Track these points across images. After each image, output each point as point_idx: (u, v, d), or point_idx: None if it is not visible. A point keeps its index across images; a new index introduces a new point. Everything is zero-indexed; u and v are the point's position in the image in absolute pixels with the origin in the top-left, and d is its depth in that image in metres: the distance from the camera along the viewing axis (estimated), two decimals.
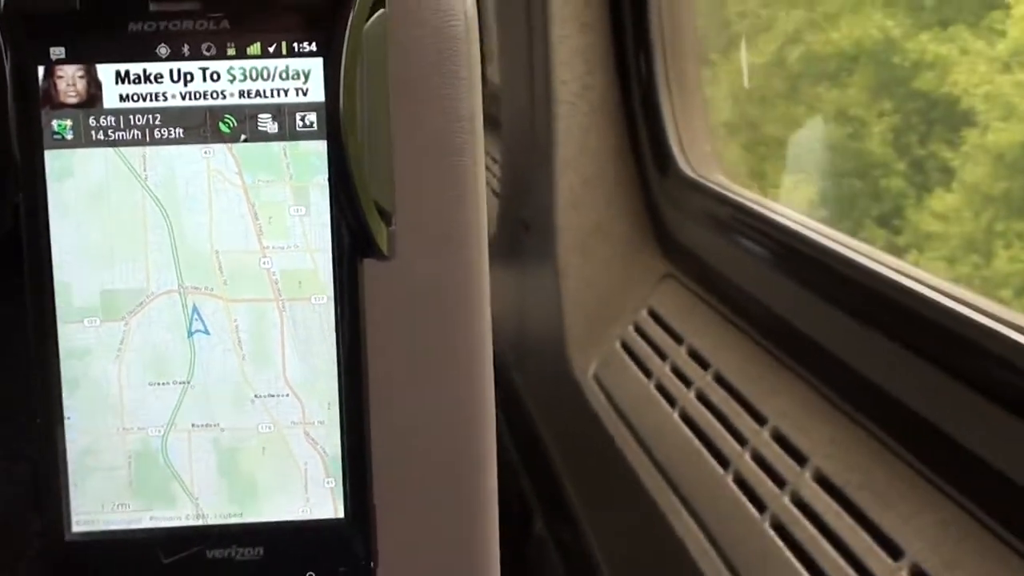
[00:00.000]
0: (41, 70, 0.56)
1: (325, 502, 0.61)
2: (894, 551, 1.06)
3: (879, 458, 1.17)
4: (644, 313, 1.87)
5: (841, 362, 1.31)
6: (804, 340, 1.41)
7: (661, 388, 1.67)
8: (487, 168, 3.07)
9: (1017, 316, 1.05)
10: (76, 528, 0.59)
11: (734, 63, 2.35)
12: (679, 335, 1.72)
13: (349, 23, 0.57)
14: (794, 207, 1.81)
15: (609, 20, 1.99)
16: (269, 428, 0.60)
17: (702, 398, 1.54)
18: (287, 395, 0.60)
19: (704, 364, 1.60)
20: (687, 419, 1.55)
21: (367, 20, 0.57)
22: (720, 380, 1.53)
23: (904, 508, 1.09)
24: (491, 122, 3.30)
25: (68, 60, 0.56)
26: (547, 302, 2.07)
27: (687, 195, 1.88)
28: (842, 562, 1.10)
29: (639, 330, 1.85)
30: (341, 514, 0.61)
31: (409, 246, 0.63)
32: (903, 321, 1.19)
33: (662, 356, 1.73)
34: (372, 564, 0.61)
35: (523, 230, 2.27)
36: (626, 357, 1.82)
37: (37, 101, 0.56)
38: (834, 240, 1.43)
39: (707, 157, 1.94)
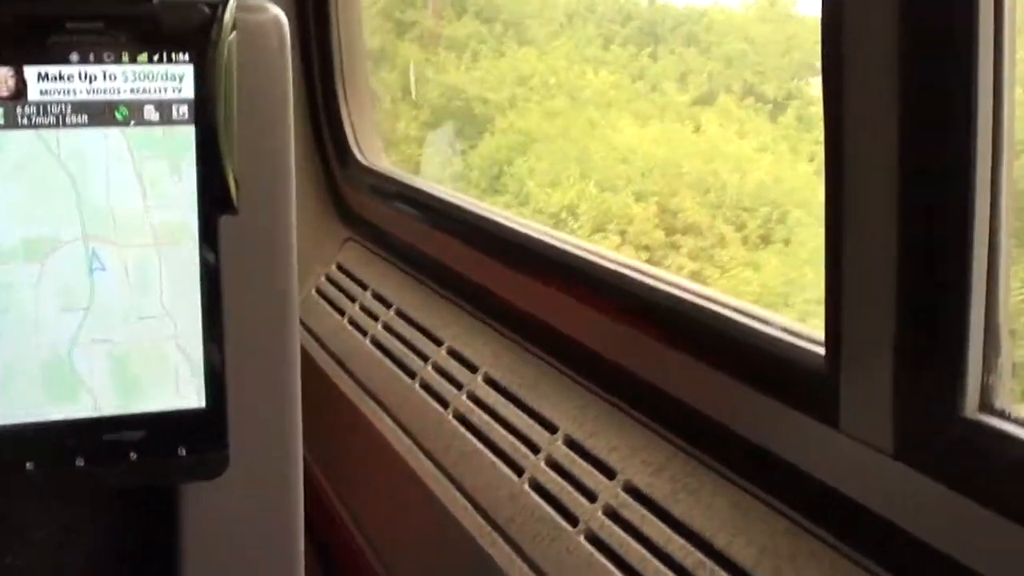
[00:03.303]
0: None
1: (192, 396, 0.64)
2: (550, 428, 1.14)
3: (531, 364, 1.26)
4: (333, 268, 1.92)
5: (493, 293, 1.39)
6: (462, 279, 1.49)
7: (353, 323, 1.72)
8: None
9: (606, 251, 1.18)
10: (2, 421, 0.60)
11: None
12: (364, 283, 1.77)
13: (214, 41, 0.60)
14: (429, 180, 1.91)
15: (298, 47, 2.02)
16: (150, 342, 0.63)
17: (388, 328, 1.60)
18: (163, 317, 0.63)
19: (387, 304, 1.65)
20: (377, 344, 1.60)
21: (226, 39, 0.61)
22: (402, 315, 1.59)
23: (553, 397, 1.18)
24: None
25: (2, 63, 0.57)
26: None
27: (363, 178, 1.94)
28: (512, 438, 1.18)
29: (331, 280, 1.89)
30: (204, 404, 0.64)
31: (243, 202, 0.66)
32: (523, 255, 1.29)
33: (352, 299, 1.77)
34: (226, 439, 0.65)
35: None
36: (322, 301, 1.86)
37: None
38: (460, 198, 1.54)
39: (376, 150, 2.01)
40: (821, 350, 0.83)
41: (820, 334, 0.84)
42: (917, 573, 0.74)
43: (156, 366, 0.63)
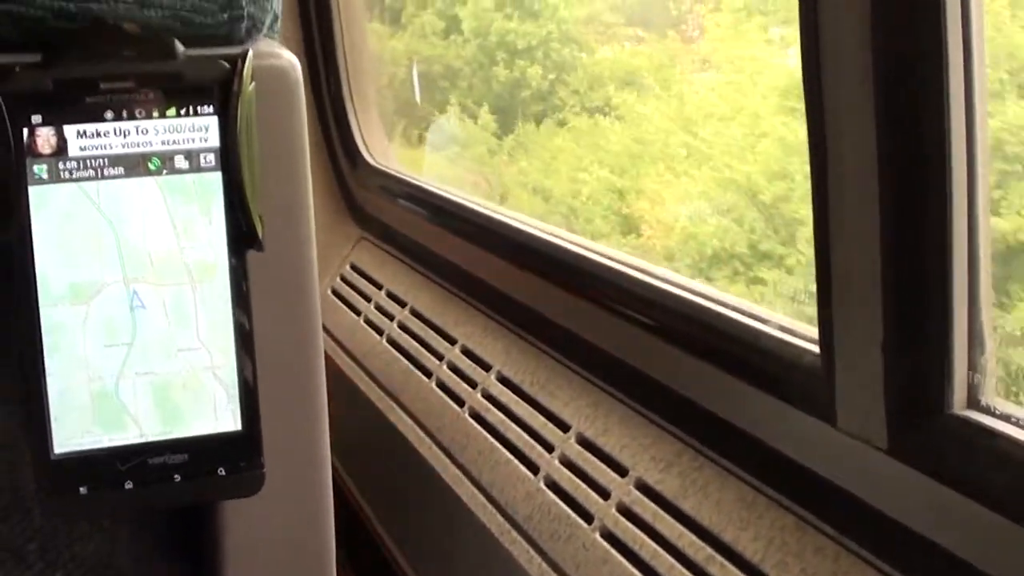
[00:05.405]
0: (25, 131, 0.63)
1: (228, 420, 0.70)
2: (563, 426, 1.20)
3: (542, 362, 1.32)
4: (347, 268, 1.98)
5: (504, 293, 1.45)
6: (473, 279, 1.55)
7: (369, 322, 1.78)
8: None
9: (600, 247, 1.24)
10: (58, 450, 0.67)
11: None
12: (378, 282, 1.84)
13: (236, 94, 0.66)
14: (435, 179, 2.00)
15: (306, 57, 2.07)
16: (188, 372, 0.69)
17: (403, 327, 1.66)
18: (199, 348, 0.69)
19: (401, 303, 1.71)
20: (393, 343, 1.66)
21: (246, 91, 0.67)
22: (416, 314, 1.65)
23: (564, 396, 1.24)
24: None
25: (44, 123, 0.64)
26: None
27: (372, 179, 2.00)
28: (526, 436, 1.24)
29: (345, 280, 1.95)
30: (240, 427, 0.70)
31: (267, 236, 0.72)
32: (531, 255, 1.36)
33: (367, 299, 1.83)
34: (262, 459, 0.71)
35: None
36: (337, 301, 1.92)
37: (23, 152, 0.63)
38: (467, 199, 1.60)
39: (385, 152, 2.07)
40: (818, 349, 0.89)
41: (816, 333, 0.89)
42: (911, 564, 0.80)
43: (195, 394, 0.69)
